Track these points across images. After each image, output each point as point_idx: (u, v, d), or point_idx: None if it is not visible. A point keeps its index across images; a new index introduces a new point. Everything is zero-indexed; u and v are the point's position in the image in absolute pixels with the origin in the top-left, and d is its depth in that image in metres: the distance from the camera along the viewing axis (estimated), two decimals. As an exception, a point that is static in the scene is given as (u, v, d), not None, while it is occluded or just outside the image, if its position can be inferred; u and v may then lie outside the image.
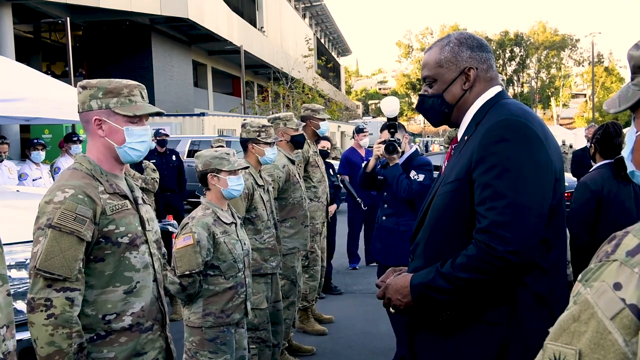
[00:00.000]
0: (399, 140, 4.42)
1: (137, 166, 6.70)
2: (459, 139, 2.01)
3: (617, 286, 0.94)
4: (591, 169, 3.77)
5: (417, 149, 4.81)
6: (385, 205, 4.55)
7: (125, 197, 2.31)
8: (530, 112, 1.93)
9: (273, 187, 4.53)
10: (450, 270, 1.82)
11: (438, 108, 2.03)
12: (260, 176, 4.24)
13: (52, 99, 6.39)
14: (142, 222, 2.34)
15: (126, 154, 2.30)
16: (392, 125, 4.40)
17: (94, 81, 2.30)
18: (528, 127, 1.84)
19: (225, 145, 8.78)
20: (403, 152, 4.51)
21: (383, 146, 4.38)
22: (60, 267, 2.08)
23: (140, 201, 2.40)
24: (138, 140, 2.30)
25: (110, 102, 2.25)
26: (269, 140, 4.19)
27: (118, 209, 2.25)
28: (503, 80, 3.26)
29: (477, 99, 1.99)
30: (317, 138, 5.86)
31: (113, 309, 2.22)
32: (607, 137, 3.66)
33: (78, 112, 2.31)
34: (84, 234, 2.12)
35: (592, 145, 3.78)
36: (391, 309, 2.01)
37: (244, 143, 4.24)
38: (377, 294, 2.06)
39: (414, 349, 2.08)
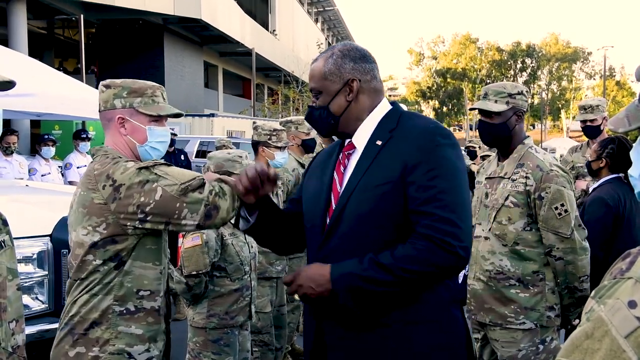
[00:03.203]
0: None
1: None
2: (357, 146, 2.01)
3: (632, 304, 0.93)
4: (597, 183, 3.70)
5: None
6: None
7: None
8: None
9: (282, 191, 4.53)
10: (392, 261, 1.80)
11: (325, 120, 2.03)
12: (270, 179, 4.23)
13: (63, 95, 6.40)
14: None
15: (146, 153, 2.35)
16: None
17: (118, 81, 2.34)
18: (453, 135, 1.97)
19: (228, 147, 8.76)
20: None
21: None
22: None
23: None
24: (159, 140, 2.36)
25: (134, 101, 2.30)
26: (279, 145, 4.20)
27: None
28: (526, 91, 3.19)
29: (373, 110, 2.03)
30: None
31: (148, 286, 2.25)
32: (623, 151, 3.58)
33: (99, 110, 2.35)
34: None
35: (603, 159, 3.68)
36: (296, 296, 1.94)
37: (255, 145, 4.25)
38: (284, 279, 1.99)
39: (322, 339, 1.98)
